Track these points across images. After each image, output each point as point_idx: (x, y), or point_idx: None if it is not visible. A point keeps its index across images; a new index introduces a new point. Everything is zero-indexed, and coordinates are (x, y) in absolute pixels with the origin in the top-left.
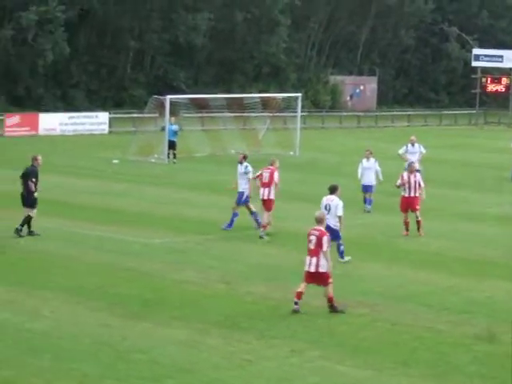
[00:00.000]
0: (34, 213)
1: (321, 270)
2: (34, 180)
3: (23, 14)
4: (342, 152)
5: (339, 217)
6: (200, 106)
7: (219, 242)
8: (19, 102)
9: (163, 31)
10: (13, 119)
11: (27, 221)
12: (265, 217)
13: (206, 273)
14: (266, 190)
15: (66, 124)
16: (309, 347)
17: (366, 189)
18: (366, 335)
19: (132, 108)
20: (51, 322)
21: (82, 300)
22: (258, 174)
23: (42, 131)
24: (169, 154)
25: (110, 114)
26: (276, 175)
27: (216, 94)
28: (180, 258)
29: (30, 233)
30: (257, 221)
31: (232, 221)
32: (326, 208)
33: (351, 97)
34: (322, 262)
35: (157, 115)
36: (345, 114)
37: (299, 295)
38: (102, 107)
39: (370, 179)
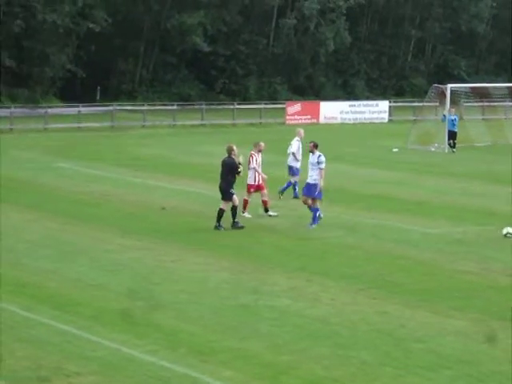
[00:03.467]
0: (226, 205)
1: None
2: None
3: (305, 4)
4: None
5: None
6: (481, 94)
7: (500, 233)
8: (300, 90)
9: (445, 19)
10: (294, 107)
11: (234, 213)
12: None
13: (487, 264)
14: None
15: (347, 112)
16: None
17: None
18: None
19: (412, 97)
20: (331, 308)
21: (361, 287)
22: None
23: (322, 119)
24: (449, 143)
25: (390, 102)
26: None
27: (498, 83)
28: (459, 248)
29: (219, 226)
30: (313, 216)
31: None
32: None
33: None
34: None
35: (437, 104)
36: None
37: None
38: (382, 96)
39: None
